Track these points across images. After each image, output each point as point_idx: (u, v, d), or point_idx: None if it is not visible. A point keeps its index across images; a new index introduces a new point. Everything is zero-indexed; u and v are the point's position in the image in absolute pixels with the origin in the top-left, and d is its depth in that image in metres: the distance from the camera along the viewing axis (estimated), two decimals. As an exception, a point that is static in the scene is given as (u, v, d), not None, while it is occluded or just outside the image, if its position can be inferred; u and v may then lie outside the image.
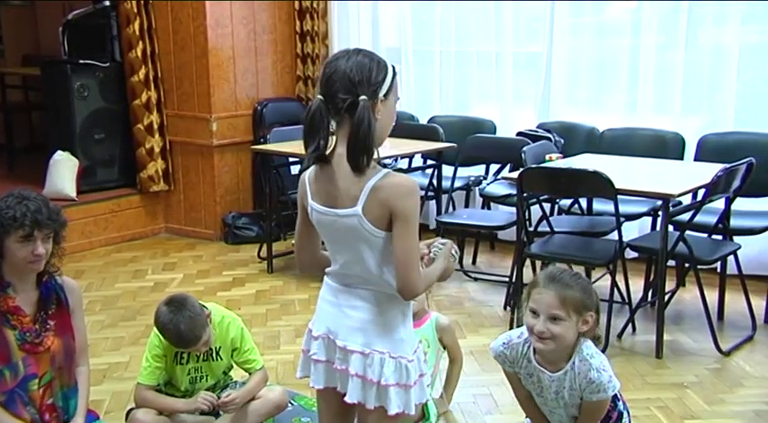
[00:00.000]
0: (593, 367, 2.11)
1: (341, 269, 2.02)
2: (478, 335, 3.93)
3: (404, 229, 1.88)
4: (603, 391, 2.12)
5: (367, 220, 1.90)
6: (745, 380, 3.40)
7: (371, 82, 1.91)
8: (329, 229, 1.99)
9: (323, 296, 2.09)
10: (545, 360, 2.20)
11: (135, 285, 4.75)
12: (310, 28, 5.76)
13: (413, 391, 1.99)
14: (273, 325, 4.10)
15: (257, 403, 2.85)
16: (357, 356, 1.97)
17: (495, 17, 5.27)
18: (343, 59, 1.92)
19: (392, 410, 1.96)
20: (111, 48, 5.70)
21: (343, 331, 2.01)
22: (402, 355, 1.98)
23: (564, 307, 2.08)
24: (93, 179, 5.68)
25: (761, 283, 4.09)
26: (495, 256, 5.21)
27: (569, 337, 2.10)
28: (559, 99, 5.13)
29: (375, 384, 1.96)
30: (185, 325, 2.63)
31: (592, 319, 2.11)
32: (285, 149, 4.81)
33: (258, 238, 5.39)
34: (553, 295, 2.08)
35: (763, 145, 4.18)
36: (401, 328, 2.00)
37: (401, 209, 1.88)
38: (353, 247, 1.96)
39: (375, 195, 1.89)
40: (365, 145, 1.87)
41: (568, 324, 2.08)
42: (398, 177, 1.93)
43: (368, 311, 1.98)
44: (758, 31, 4.63)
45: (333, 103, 1.90)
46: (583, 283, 2.14)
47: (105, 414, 3.14)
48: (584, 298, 2.09)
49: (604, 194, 3.62)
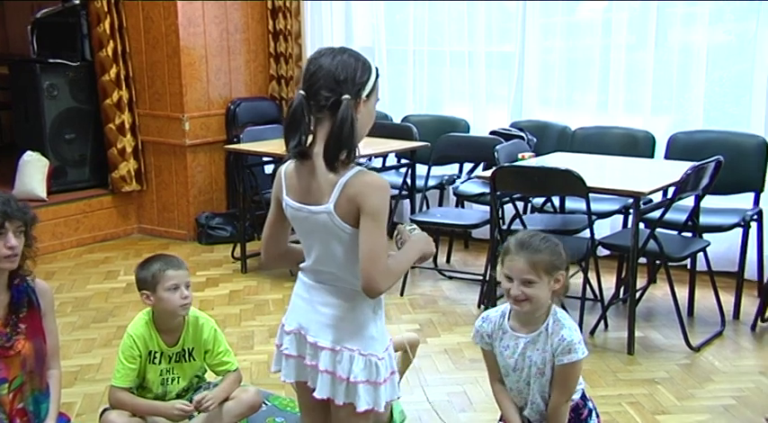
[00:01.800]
0: (566, 327, 2.22)
1: (313, 265, 2.03)
2: (452, 333, 3.94)
3: (370, 226, 1.89)
4: (574, 351, 2.19)
5: (338, 216, 1.92)
6: (714, 375, 3.46)
7: (356, 81, 1.92)
8: (303, 224, 2.00)
9: (296, 292, 2.11)
10: (521, 323, 2.27)
11: (107, 286, 4.71)
12: (283, 27, 5.75)
13: (383, 388, 2.00)
14: (247, 325, 4.08)
15: (231, 404, 2.83)
16: (327, 353, 1.99)
17: (468, 17, 5.30)
18: (328, 57, 1.92)
19: (361, 407, 1.98)
20: (82, 46, 5.63)
21: (314, 327, 2.02)
22: (372, 352, 1.99)
23: (535, 271, 2.17)
24: (63, 180, 5.62)
25: (730, 280, 4.15)
26: (470, 254, 5.24)
27: (543, 297, 2.20)
28: (532, 98, 5.17)
29: (344, 381, 1.98)
30: (169, 257, 2.77)
31: (563, 277, 2.21)
32: (258, 149, 4.80)
33: (232, 238, 5.37)
34: (524, 261, 2.17)
35: (732, 143, 4.25)
36: (372, 326, 2.02)
37: (368, 205, 1.89)
38: (325, 243, 1.97)
39: (345, 192, 1.91)
40: (346, 143, 1.88)
41: (541, 285, 2.18)
42: (369, 175, 1.94)
43: (339, 308, 2.00)
44: (725, 30, 4.70)
45: (315, 99, 1.91)
46: (551, 245, 2.22)
47: (77, 417, 3.11)
48: (553, 259, 2.19)
49: (576, 193, 3.65)
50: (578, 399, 2.33)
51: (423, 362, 3.61)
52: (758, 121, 4.40)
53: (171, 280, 2.69)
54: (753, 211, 4.09)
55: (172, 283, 2.69)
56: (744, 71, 4.56)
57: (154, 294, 2.70)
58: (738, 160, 4.08)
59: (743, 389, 3.31)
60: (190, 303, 2.76)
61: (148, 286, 2.71)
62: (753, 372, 3.48)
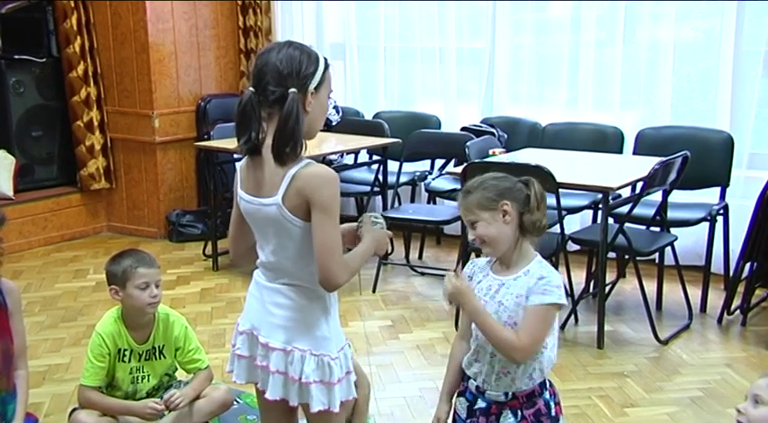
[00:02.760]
0: (548, 270, 2.12)
1: (266, 259, 2.03)
2: (425, 329, 3.96)
3: (322, 220, 1.89)
4: (549, 293, 2.05)
5: (286, 208, 1.91)
6: (682, 368, 3.50)
7: (300, 74, 1.91)
8: (254, 218, 2.00)
9: (250, 291, 2.11)
10: (502, 267, 2.16)
11: (76, 285, 4.66)
12: (253, 23, 5.72)
13: (337, 388, 1.99)
14: (219, 323, 4.06)
15: (202, 402, 2.82)
16: (278, 354, 1.98)
17: (439, 13, 5.31)
18: (274, 52, 1.93)
19: (314, 408, 1.97)
20: (48, 43, 5.56)
21: (266, 328, 2.01)
22: (324, 352, 1.98)
23: (471, 211, 2.13)
24: (31, 177, 5.54)
25: (697, 273, 4.21)
26: (442, 250, 5.25)
27: (496, 233, 2.10)
28: (502, 94, 5.20)
29: (296, 382, 1.97)
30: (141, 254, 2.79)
31: (508, 206, 2.09)
32: (229, 146, 4.76)
33: (203, 235, 5.33)
34: (463, 206, 2.16)
35: (698, 138, 4.31)
36: (324, 326, 2.00)
37: (317, 199, 1.89)
38: (276, 236, 1.97)
39: (294, 184, 1.90)
40: (292, 137, 1.88)
41: (483, 223, 2.11)
42: (317, 167, 1.93)
43: (290, 309, 1.99)
44: (692, 27, 4.76)
45: (264, 94, 1.91)
46: (486, 182, 2.14)
47: (45, 417, 3.08)
48: (485, 194, 2.11)
49: (546, 188, 3.64)
50: (536, 386, 2.11)
51: (395, 358, 3.62)
52: (723, 116, 4.47)
53: (141, 278, 2.67)
54: (719, 206, 4.15)
55: (142, 281, 2.67)
56: (710, 67, 4.62)
57: (123, 290, 2.68)
58: (705, 155, 4.14)
59: (710, 381, 3.36)
60: (158, 302, 2.74)
61: (118, 281, 2.69)
62: (719, 364, 3.53)
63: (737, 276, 3.92)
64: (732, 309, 3.99)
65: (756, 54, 4.38)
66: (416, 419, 3.08)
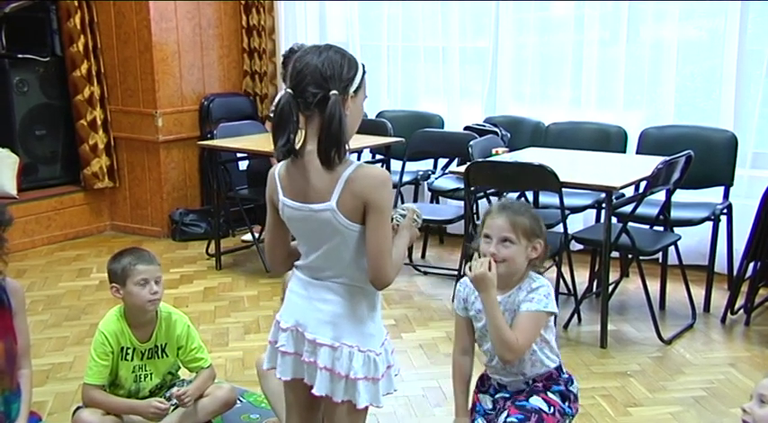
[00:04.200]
0: (539, 281, 2.22)
1: (312, 263, 2.01)
2: (428, 328, 3.96)
3: (378, 220, 1.90)
4: (537, 301, 2.18)
5: (341, 213, 1.91)
6: (685, 367, 3.50)
7: (343, 77, 1.91)
8: (301, 224, 1.99)
9: (292, 288, 2.08)
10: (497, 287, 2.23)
11: (79, 284, 4.66)
12: (257, 22, 5.73)
13: (381, 383, 2.01)
14: (222, 322, 4.07)
15: (206, 401, 2.82)
16: (326, 350, 1.98)
17: (442, 13, 5.30)
18: (314, 54, 1.92)
19: (361, 404, 1.98)
20: (52, 42, 5.57)
21: (313, 324, 2.00)
22: (370, 348, 2.00)
23: (514, 230, 2.19)
24: (34, 176, 5.55)
25: (700, 273, 4.20)
26: (445, 249, 5.25)
27: (519, 261, 2.20)
28: (506, 94, 5.19)
29: (344, 378, 1.97)
30: (141, 251, 2.78)
31: (540, 246, 2.21)
32: (232, 145, 4.78)
33: (206, 234, 5.34)
34: (504, 219, 2.20)
35: (702, 138, 4.30)
36: (370, 323, 2.02)
37: (375, 200, 1.89)
38: (327, 240, 1.96)
39: (349, 187, 1.90)
40: (337, 140, 1.87)
41: (518, 248, 2.19)
42: (371, 169, 1.95)
43: (338, 305, 1.99)
44: (696, 26, 4.76)
45: (303, 97, 1.90)
46: (533, 212, 2.27)
47: (49, 415, 3.08)
48: (534, 225, 2.22)
49: (549, 188, 3.67)
50: (554, 369, 2.33)
51: (398, 357, 3.60)
52: (727, 115, 4.46)
53: (141, 274, 2.67)
54: (722, 205, 4.15)
55: (141, 277, 2.68)
56: (713, 67, 4.61)
57: (123, 288, 2.69)
58: (708, 155, 4.14)
59: (713, 381, 3.35)
60: (159, 299, 2.74)
61: (118, 279, 2.70)
62: (723, 364, 3.53)
63: (741, 276, 3.91)
64: (736, 308, 3.99)
65: (760, 53, 4.37)
66: (419, 419, 3.08)
